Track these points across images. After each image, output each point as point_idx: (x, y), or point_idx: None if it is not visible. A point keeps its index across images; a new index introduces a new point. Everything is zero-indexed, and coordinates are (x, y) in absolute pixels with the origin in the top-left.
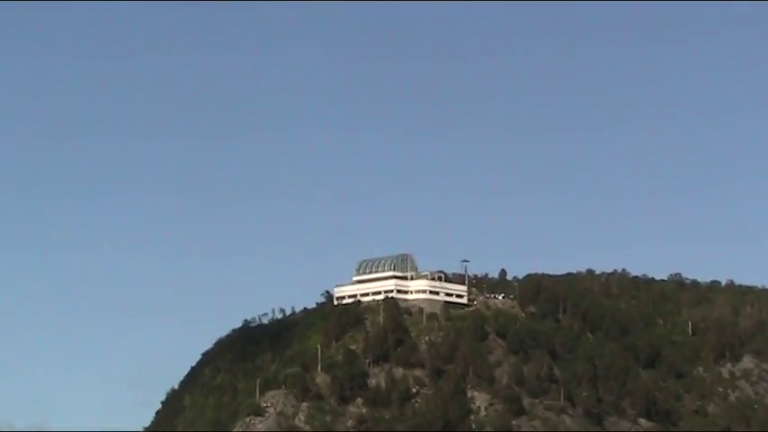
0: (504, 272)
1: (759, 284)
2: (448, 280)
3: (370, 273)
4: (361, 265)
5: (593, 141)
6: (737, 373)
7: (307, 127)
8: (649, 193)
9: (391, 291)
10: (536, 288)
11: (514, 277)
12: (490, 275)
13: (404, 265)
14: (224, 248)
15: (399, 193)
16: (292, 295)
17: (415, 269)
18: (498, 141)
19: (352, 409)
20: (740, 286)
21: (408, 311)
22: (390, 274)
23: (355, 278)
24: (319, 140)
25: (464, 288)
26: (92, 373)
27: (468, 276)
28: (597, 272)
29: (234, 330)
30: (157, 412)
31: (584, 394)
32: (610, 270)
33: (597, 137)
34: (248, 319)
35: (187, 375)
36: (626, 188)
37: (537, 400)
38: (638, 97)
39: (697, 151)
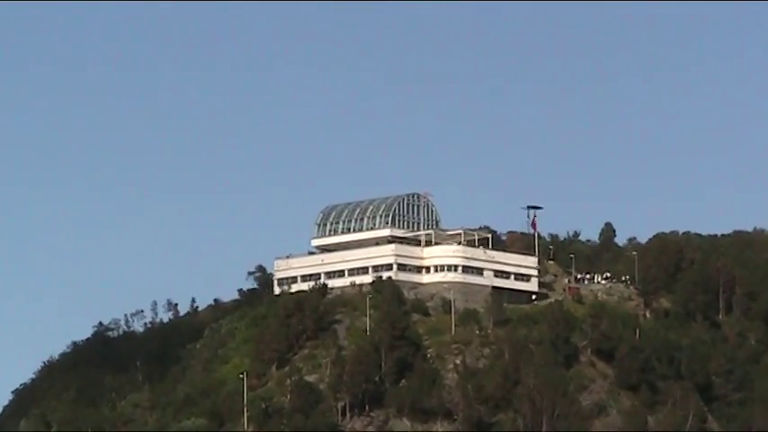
0: (609, 230)
1: None
2: (498, 245)
3: (346, 231)
4: (326, 218)
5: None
6: None
7: None
8: None
9: (389, 266)
10: (673, 261)
11: (632, 240)
12: (580, 237)
13: (413, 213)
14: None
15: (389, 113)
16: (190, 277)
17: (436, 223)
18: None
19: None
20: None
21: (421, 306)
22: (387, 232)
23: (316, 242)
24: None
25: (533, 261)
26: None
27: (541, 239)
28: None
29: (76, 344)
30: None
31: None
32: None
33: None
34: (104, 323)
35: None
36: None
37: None
38: None
39: None
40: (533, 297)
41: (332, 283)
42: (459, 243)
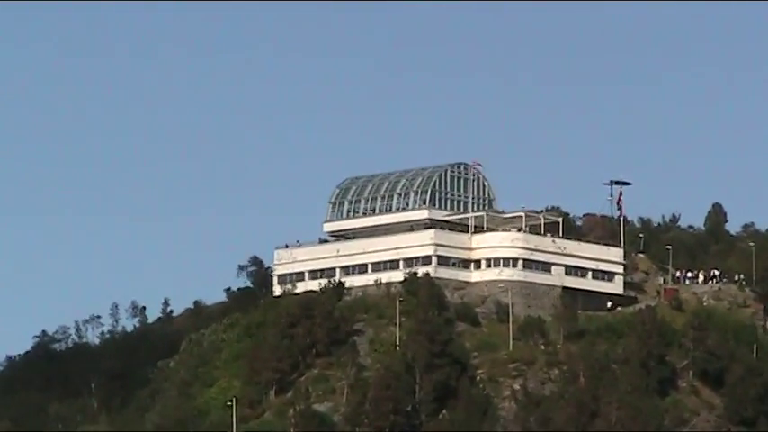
0: (718, 213)
1: None
2: (572, 233)
3: (370, 212)
4: (343, 195)
5: None
6: None
7: None
8: None
9: (427, 259)
10: None
11: (748, 227)
12: (680, 222)
13: (459, 190)
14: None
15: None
16: (162, 272)
17: (489, 202)
18: None
19: None
20: None
21: (469, 312)
22: (424, 214)
23: (330, 227)
24: None
25: (617, 254)
26: None
27: (628, 225)
28: None
29: (11, 360)
30: None
31: None
32: None
33: None
34: (49, 332)
35: None
36: None
37: None
38: None
39: None
40: (610, 304)
41: (350, 281)
42: (520, 229)
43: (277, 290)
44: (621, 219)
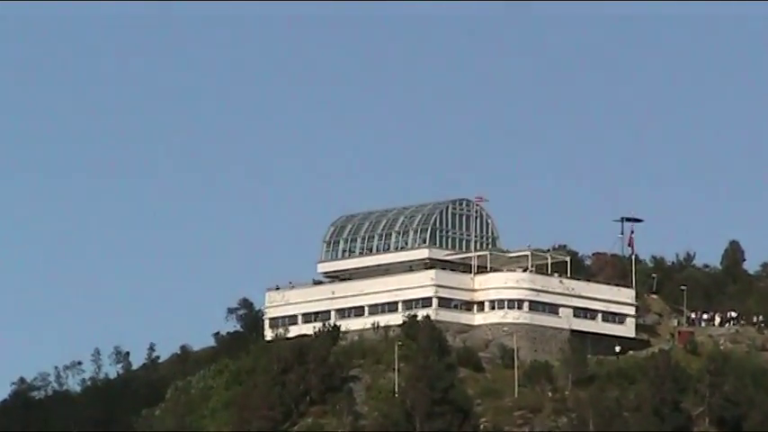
0: (735, 251)
1: None
2: (580, 273)
3: (367, 252)
4: (339, 233)
5: None
6: None
7: None
8: None
9: (427, 301)
10: None
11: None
12: (695, 261)
13: (461, 228)
14: None
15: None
16: (147, 316)
17: (493, 241)
18: None
19: None
20: None
21: (472, 357)
22: (424, 254)
23: (324, 267)
24: None
25: (629, 295)
26: None
27: (640, 264)
28: None
29: None
30: None
31: None
32: None
33: None
34: (27, 379)
35: None
36: None
37: None
38: None
39: None
40: (618, 348)
41: (346, 324)
42: (526, 269)
43: (268, 334)
44: (633, 258)
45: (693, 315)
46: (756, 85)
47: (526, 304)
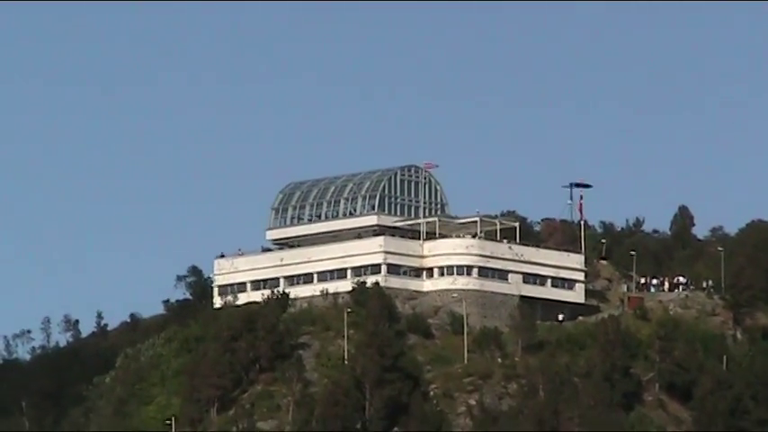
0: (684, 216)
1: None
2: (530, 238)
3: (316, 218)
4: (287, 200)
5: None
6: None
7: None
8: None
9: (376, 267)
10: None
11: (717, 230)
12: (644, 227)
13: (410, 194)
14: None
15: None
16: (95, 284)
17: (442, 207)
18: None
19: None
20: None
21: (421, 324)
22: (373, 220)
23: (273, 234)
24: None
25: (578, 260)
26: None
27: (590, 229)
28: None
29: None
30: None
31: None
32: None
33: None
34: None
35: None
36: None
37: None
38: None
39: None
40: (561, 317)
41: (295, 291)
42: (475, 235)
43: (218, 302)
44: (582, 223)
45: (643, 280)
46: (702, 46)
47: (475, 270)
